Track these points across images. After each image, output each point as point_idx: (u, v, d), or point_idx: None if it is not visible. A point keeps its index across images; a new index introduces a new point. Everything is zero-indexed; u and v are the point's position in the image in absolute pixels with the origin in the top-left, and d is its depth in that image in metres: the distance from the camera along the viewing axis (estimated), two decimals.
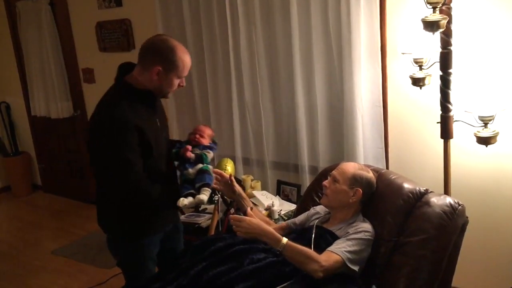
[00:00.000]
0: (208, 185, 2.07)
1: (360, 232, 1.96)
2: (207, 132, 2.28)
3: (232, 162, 2.87)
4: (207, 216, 3.03)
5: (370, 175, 2.11)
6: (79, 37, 4.36)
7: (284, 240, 1.86)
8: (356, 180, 2.05)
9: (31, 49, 4.68)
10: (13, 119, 5.37)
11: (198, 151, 2.15)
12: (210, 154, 2.19)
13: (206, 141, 2.23)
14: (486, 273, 2.67)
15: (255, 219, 1.96)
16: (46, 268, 3.66)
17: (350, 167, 2.10)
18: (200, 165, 2.12)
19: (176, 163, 2.21)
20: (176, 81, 2.01)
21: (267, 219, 2.36)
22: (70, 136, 4.85)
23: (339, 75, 2.84)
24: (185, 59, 1.99)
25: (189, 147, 2.14)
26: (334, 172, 2.11)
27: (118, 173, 1.93)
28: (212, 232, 2.85)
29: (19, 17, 4.67)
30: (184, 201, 2.01)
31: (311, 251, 1.87)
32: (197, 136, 2.23)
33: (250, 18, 3.10)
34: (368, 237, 1.96)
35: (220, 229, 2.94)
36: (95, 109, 2.03)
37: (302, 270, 1.86)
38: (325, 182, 2.11)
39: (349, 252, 1.89)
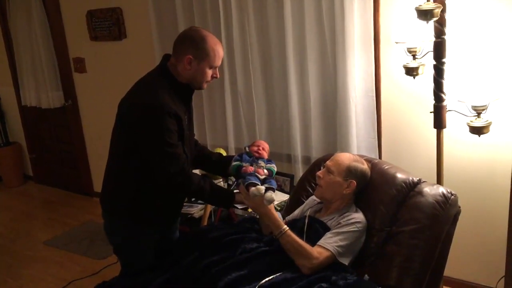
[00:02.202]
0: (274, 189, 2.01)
1: (352, 224, 1.95)
2: (266, 146, 2.26)
3: (225, 152, 2.85)
4: (200, 206, 3.03)
5: (365, 166, 2.11)
6: (70, 26, 4.30)
7: (285, 228, 1.89)
8: (351, 172, 2.04)
9: (21, 38, 4.62)
10: (3, 109, 5.32)
11: (262, 164, 2.12)
12: (275, 168, 2.18)
13: (265, 155, 2.21)
14: (478, 263, 2.69)
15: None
16: (38, 259, 3.64)
17: (345, 158, 2.08)
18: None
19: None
20: (209, 71, 2.01)
21: None
22: (61, 126, 4.81)
23: (332, 65, 2.83)
24: (217, 48, 1.98)
25: (250, 168, 2.07)
26: (328, 163, 2.10)
27: (163, 158, 1.94)
28: (205, 223, 2.84)
29: (8, 5, 4.61)
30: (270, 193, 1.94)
31: (306, 246, 1.87)
32: (260, 149, 2.21)
33: (243, 7, 3.07)
34: (360, 228, 1.96)
35: (213, 219, 2.94)
36: (133, 91, 2.03)
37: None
38: (319, 173, 2.10)
39: (340, 246, 1.89)
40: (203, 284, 1.85)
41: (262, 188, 1.92)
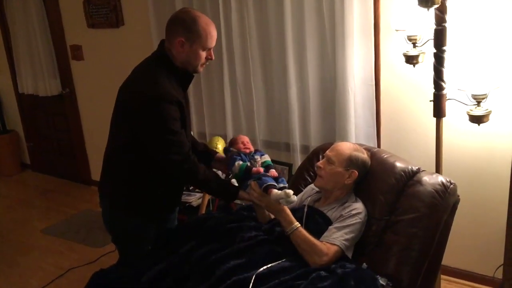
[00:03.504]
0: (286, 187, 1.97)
1: (354, 215, 1.95)
2: (246, 138, 2.25)
3: (223, 141, 2.84)
4: (198, 195, 3.02)
5: (365, 156, 2.09)
6: (67, 13, 4.26)
7: (297, 224, 1.87)
8: (352, 162, 2.02)
9: (17, 25, 4.58)
10: (0, 97, 5.28)
11: (258, 158, 2.11)
12: (269, 158, 2.16)
13: (252, 147, 2.20)
14: (476, 252, 2.69)
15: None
16: (36, 247, 3.64)
17: (345, 148, 2.06)
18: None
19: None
20: (203, 53, 1.96)
21: None
22: (59, 114, 4.78)
23: (331, 53, 2.81)
24: (209, 29, 1.94)
25: (260, 169, 2.04)
26: (328, 153, 2.07)
27: (164, 142, 1.91)
28: (203, 211, 2.84)
29: None
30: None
31: (317, 243, 1.86)
32: (245, 144, 2.19)
33: None
34: (362, 219, 1.96)
35: (211, 208, 2.93)
36: (132, 78, 2.00)
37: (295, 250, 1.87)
38: (320, 163, 2.07)
39: (346, 240, 1.89)
40: (200, 272, 1.84)
41: (290, 192, 1.86)
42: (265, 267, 1.78)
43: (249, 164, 2.04)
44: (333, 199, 2.07)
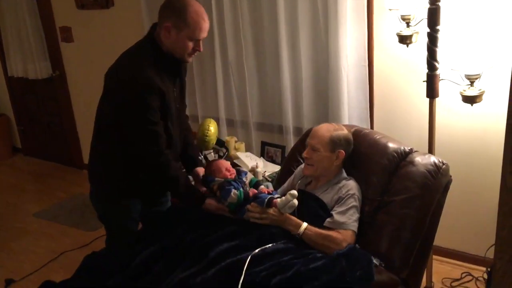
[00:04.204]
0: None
1: (352, 196, 1.96)
2: (225, 163, 2.20)
3: (215, 123, 2.83)
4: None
5: (345, 131, 2.08)
6: None
7: (304, 224, 1.87)
8: (335, 143, 2.02)
9: (5, 6, 4.48)
10: None
11: (245, 180, 2.10)
12: (249, 175, 2.19)
13: (233, 170, 2.16)
14: (468, 232, 2.70)
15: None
16: (28, 231, 3.63)
17: (324, 131, 2.05)
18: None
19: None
20: (189, 43, 1.90)
21: None
22: (49, 97, 4.72)
23: (324, 33, 2.77)
24: (199, 20, 1.87)
25: (254, 190, 2.04)
26: (310, 141, 2.06)
27: (141, 132, 1.90)
28: None
29: None
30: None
31: (331, 233, 1.86)
32: (229, 170, 2.15)
33: None
34: (359, 197, 1.98)
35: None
36: (117, 64, 1.96)
37: (288, 232, 1.88)
38: (305, 154, 2.06)
39: (355, 221, 1.91)
40: (193, 254, 1.83)
41: (294, 192, 1.89)
42: (259, 249, 1.78)
43: (242, 189, 2.01)
44: (325, 181, 2.06)
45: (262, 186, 2.08)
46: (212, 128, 2.75)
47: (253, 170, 2.87)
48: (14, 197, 4.28)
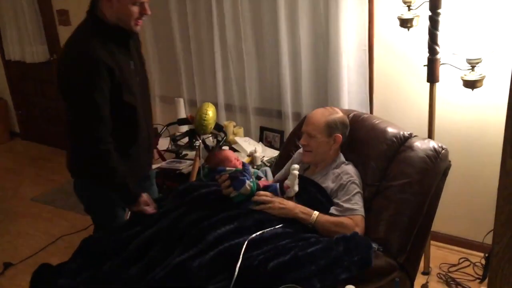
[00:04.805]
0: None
1: (354, 182, 1.94)
2: (229, 153, 2.10)
3: (214, 107, 2.79)
4: (188, 162, 2.98)
5: (340, 114, 2.06)
6: None
7: (316, 213, 1.85)
8: (331, 127, 1.99)
9: None
10: None
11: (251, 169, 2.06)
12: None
13: (240, 160, 2.07)
14: (466, 218, 2.70)
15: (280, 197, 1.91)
16: (26, 215, 3.63)
17: (319, 116, 2.02)
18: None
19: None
20: (133, 8, 1.82)
21: None
22: (47, 81, 4.69)
23: (324, 17, 2.74)
24: None
25: (264, 182, 2.01)
26: (306, 128, 2.03)
27: (85, 116, 1.82)
28: (194, 178, 2.81)
29: None
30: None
31: (343, 220, 1.85)
32: (238, 160, 2.06)
33: None
34: (359, 184, 1.96)
35: (201, 175, 2.90)
36: (64, 46, 1.90)
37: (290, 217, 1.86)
38: (302, 141, 2.04)
39: (362, 206, 1.90)
40: (191, 237, 1.83)
41: (295, 170, 1.88)
42: (258, 233, 1.77)
43: (255, 181, 1.96)
44: (323, 166, 2.05)
45: (263, 179, 2.05)
46: (210, 112, 2.72)
47: (252, 155, 2.85)
48: (12, 181, 4.27)
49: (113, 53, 1.84)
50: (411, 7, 2.32)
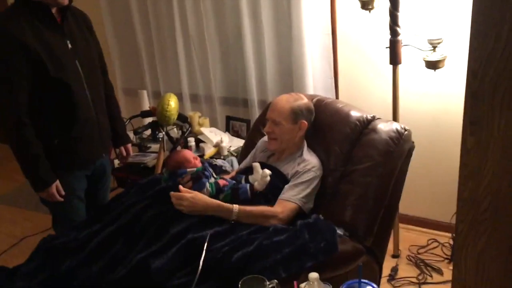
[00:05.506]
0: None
1: (309, 171, 1.91)
2: (187, 154, 2.04)
3: (176, 97, 2.72)
4: (153, 155, 2.91)
5: (305, 100, 2.02)
6: None
7: (236, 208, 1.78)
8: (296, 114, 1.95)
9: None
10: None
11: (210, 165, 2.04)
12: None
13: (196, 160, 2.02)
14: (433, 199, 2.71)
15: (197, 193, 1.83)
16: None
17: (284, 102, 1.97)
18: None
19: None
20: None
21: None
22: None
23: (286, 3, 2.69)
24: None
25: (223, 181, 1.95)
26: (270, 115, 1.98)
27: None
28: (159, 171, 2.74)
29: None
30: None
31: (265, 209, 1.81)
32: (197, 159, 2.02)
33: None
34: (317, 172, 1.92)
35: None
36: None
37: None
38: (267, 129, 1.99)
39: (303, 197, 1.86)
40: (153, 231, 1.77)
41: (266, 171, 1.88)
42: (219, 226, 1.73)
43: (213, 178, 1.94)
44: (288, 154, 2.01)
45: (225, 176, 2.01)
46: (172, 102, 2.65)
47: (218, 146, 2.80)
48: None
49: (39, 32, 1.82)
50: None
